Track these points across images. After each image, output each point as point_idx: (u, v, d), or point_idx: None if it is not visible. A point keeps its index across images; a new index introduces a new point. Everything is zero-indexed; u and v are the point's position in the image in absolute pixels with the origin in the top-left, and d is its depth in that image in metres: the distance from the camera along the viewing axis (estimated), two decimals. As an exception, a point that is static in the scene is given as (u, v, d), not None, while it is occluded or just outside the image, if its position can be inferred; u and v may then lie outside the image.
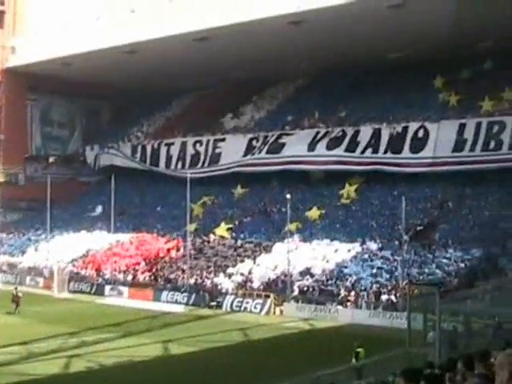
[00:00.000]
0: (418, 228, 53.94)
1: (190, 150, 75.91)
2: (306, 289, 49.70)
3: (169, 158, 77.70)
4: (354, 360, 27.34)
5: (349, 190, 62.43)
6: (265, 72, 71.83)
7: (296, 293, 49.48)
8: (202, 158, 74.77)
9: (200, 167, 74.34)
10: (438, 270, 47.28)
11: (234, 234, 62.53)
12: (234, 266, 55.77)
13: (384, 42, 61.08)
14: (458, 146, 57.61)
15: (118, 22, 70.25)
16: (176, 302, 52.80)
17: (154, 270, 59.38)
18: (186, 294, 53.32)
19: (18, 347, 34.86)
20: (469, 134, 57.33)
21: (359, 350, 27.71)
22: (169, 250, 62.50)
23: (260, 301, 49.39)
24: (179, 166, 76.43)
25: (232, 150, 71.94)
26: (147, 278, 58.10)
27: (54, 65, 74.01)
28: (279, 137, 69.03)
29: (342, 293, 47.33)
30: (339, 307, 46.19)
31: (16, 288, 50.31)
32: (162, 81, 76.53)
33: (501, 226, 51.32)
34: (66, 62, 72.89)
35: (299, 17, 57.73)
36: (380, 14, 55.25)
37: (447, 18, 53.70)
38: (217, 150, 73.73)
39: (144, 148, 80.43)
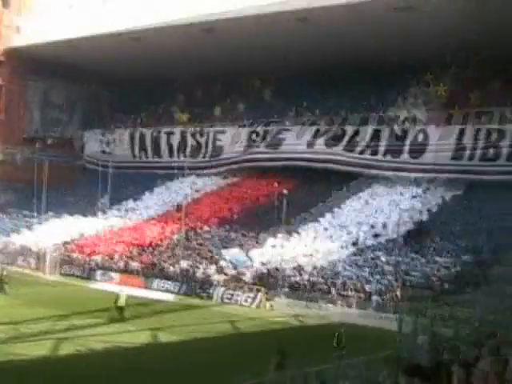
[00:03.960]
0: (412, 231, 53.96)
1: (189, 140, 75.94)
2: (296, 285, 49.77)
3: (168, 147, 77.74)
4: (335, 341, 28.62)
5: (346, 190, 62.84)
6: (266, 67, 71.65)
7: (287, 288, 49.56)
8: (203, 149, 74.87)
9: (200, 158, 74.54)
10: (429, 274, 47.31)
11: (227, 227, 62.52)
12: (225, 257, 55.79)
13: (386, 45, 61.01)
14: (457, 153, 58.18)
15: (125, 7, 70.09)
16: (166, 291, 52.85)
17: (145, 257, 59.38)
18: (176, 283, 53.41)
19: (7, 327, 34.79)
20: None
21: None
22: (161, 239, 62.46)
23: (251, 294, 49.41)
24: (177, 154, 76.46)
25: (229, 143, 72.21)
26: (139, 266, 58.08)
27: (58, 47, 73.80)
28: (279, 132, 69.14)
29: (333, 291, 47.40)
30: (329, 305, 46.22)
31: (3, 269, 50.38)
32: (165, 70, 76.31)
33: (495, 235, 51.32)
34: (70, 45, 72.47)
35: (305, 14, 57.88)
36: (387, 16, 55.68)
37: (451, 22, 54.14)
38: (217, 143, 73.89)
39: (143, 135, 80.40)
